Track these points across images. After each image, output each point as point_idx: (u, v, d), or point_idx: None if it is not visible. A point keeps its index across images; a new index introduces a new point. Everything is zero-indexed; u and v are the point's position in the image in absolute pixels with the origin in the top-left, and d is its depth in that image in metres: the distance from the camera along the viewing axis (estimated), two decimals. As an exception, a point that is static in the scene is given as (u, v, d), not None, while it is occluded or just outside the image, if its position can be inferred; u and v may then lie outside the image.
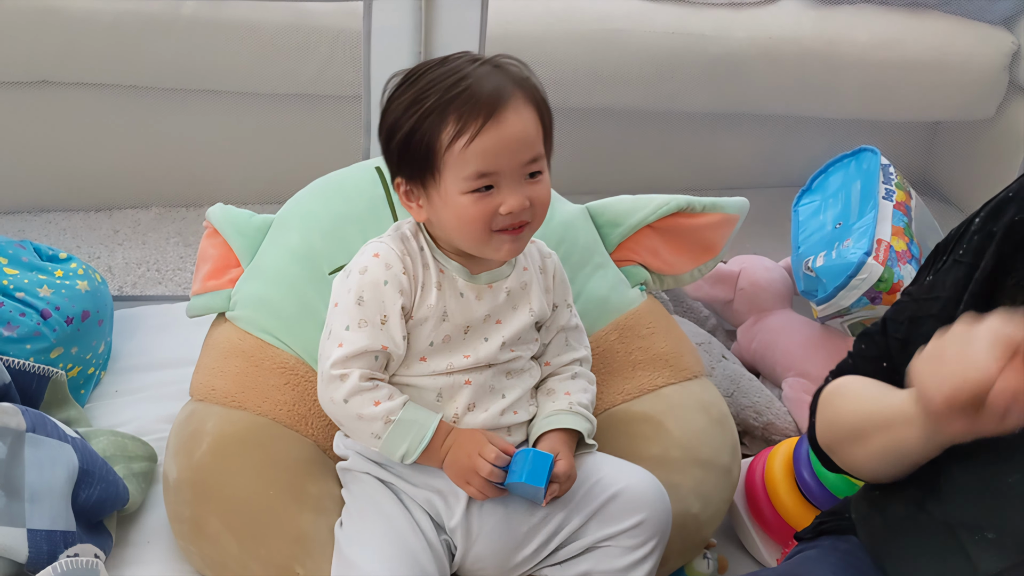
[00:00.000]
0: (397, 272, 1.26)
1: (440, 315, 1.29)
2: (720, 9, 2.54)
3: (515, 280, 1.34)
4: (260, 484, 1.39)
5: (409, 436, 1.25)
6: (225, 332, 1.57)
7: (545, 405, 1.37)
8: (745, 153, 2.80)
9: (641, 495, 1.31)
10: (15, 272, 1.75)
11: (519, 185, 1.22)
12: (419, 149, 1.21)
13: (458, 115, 1.19)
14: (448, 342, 1.30)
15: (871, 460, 1.13)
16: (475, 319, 1.31)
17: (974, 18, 2.65)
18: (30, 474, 1.34)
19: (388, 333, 1.26)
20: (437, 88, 1.21)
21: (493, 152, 1.19)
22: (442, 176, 1.22)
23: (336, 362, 1.25)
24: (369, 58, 1.90)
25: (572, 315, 1.42)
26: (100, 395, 1.84)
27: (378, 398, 1.25)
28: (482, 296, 1.31)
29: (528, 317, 1.34)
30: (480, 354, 1.30)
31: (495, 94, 1.20)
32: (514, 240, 1.25)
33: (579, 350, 1.42)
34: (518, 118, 1.21)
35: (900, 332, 1.16)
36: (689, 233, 1.65)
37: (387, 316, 1.26)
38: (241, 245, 1.60)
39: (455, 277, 1.30)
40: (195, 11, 2.28)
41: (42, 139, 2.44)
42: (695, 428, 1.53)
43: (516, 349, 1.34)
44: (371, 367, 1.26)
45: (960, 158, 2.89)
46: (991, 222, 1.10)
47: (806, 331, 2.08)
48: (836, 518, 1.28)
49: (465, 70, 1.22)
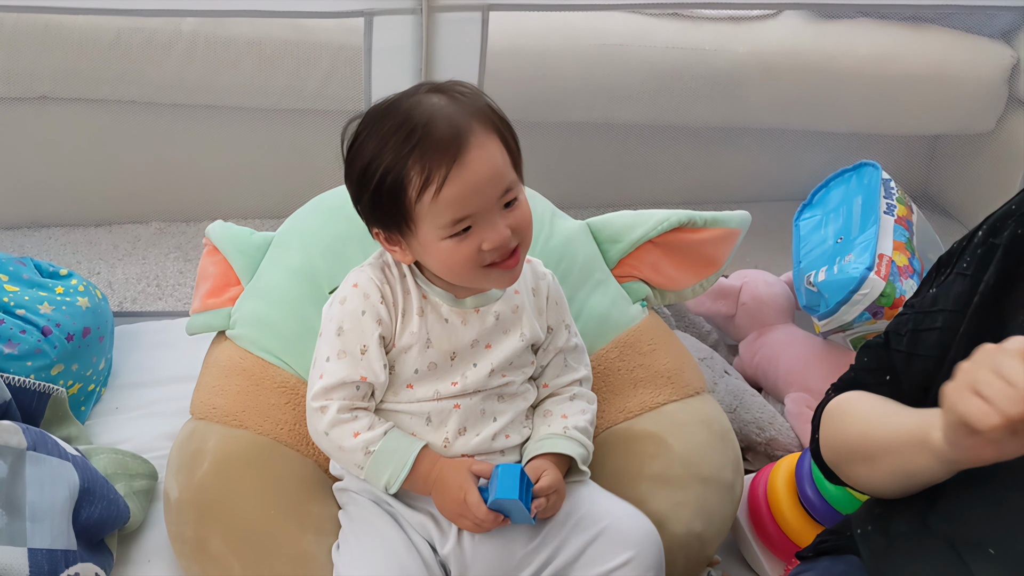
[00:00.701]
0: (375, 301, 1.26)
1: (423, 342, 1.27)
2: (720, 24, 2.54)
3: (505, 304, 1.32)
4: (262, 505, 1.38)
5: (390, 466, 1.25)
6: (226, 350, 1.56)
7: (540, 427, 1.35)
8: (746, 167, 2.80)
9: (626, 533, 1.28)
10: (16, 289, 1.75)
11: (497, 218, 1.19)
12: (389, 204, 1.19)
13: (421, 166, 1.16)
14: (434, 369, 1.29)
15: (879, 480, 1.12)
16: (461, 345, 1.29)
17: (973, 32, 2.65)
18: (31, 493, 1.34)
19: (368, 363, 1.25)
20: (395, 138, 1.17)
21: (464, 196, 1.17)
22: (417, 227, 1.20)
23: (316, 394, 1.26)
24: (370, 74, 1.90)
25: (571, 335, 1.41)
26: (100, 412, 1.84)
27: (357, 429, 1.25)
28: (468, 321, 1.29)
29: (519, 342, 1.32)
30: (468, 381, 1.29)
31: (454, 135, 1.16)
32: (508, 271, 1.23)
33: (579, 370, 1.41)
34: (482, 153, 1.17)
35: (903, 345, 1.16)
36: (691, 248, 1.64)
37: (366, 346, 1.25)
38: (241, 264, 1.60)
39: (438, 303, 1.29)
40: (196, 27, 2.28)
41: (42, 155, 2.44)
42: (697, 444, 1.52)
43: (508, 374, 1.32)
44: (351, 397, 1.26)
45: (960, 171, 2.89)
46: (993, 236, 1.10)
47: (808, 346, 2.07)
48: (836, 536, 1.28)
49: (415, 115, 1.17)
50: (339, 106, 2.20)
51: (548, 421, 1.36)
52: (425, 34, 1.85)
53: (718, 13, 2.53)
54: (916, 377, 1.14)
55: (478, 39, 1.89)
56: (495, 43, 1.92)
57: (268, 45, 2.32)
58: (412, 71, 1.90)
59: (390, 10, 1.84)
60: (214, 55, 2.32)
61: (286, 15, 1.96)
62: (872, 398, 1.16)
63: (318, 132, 2.43)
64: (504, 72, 2.18)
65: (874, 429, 1.12)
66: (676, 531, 1.41)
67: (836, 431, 1.19)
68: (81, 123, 2.43)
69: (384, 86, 1.91)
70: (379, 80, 1.90)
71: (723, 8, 2.50)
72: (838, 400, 1.21)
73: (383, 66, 1.90)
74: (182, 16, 2.24)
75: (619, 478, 1.44)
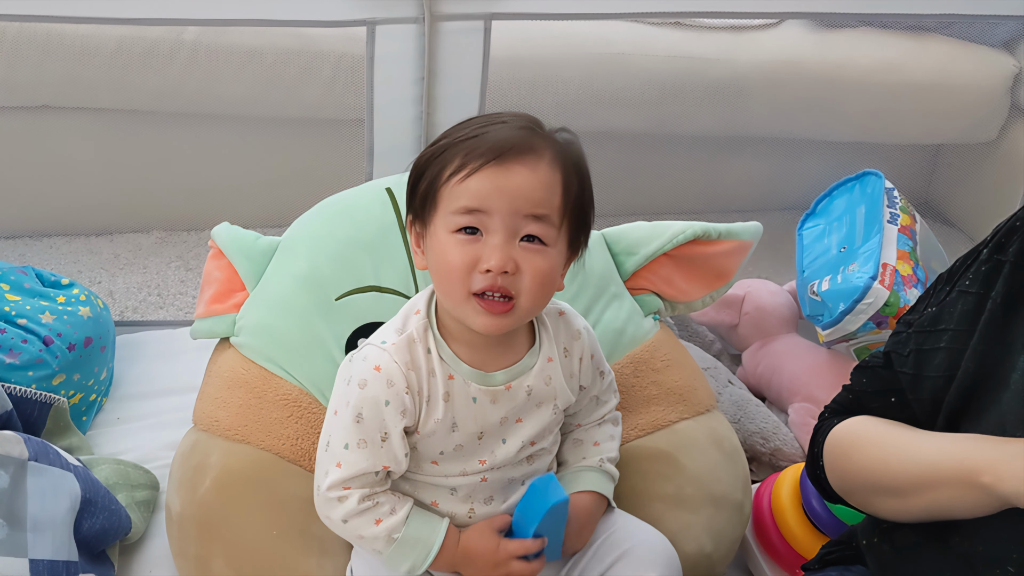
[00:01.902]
0: (400, 390, 1.16)
1: (449, 427, 1.19)
2: (722, 33, 2.54)
3: (539, 375, 1.22)
4: (265, 525, 1.37)
5: (412, 555, 1.20)
6: (229, 360, 1.55)
7: (571, 455, 1.32)
8: (748, 176, 2.80)
9: (649, 555, 1.27)
10: (17, 299, 1.74)
11: (508, 242, 1.10)
12: (426, 181, 1.14)
13: (465, 152, 1.11)
14: (460, 451, 1.21)
15: (911, 513, 1.09)
16: (490, 424, 1.21)
17: (975, 41, 2.65)
18: (32, 503, 1.33)
19: (390, 452, 1.18)
20: (466, 130, 1.14)
21: (486, 191, 1.10)
22: (437, 210, 1.13)
23: (333, 484, 1.19)
24: (372, 83, 1.90)
25: (605, 376, 1.33)
26: (102, 422, 1.83)
27: (379, 516, 1.19)
28: (498, 399, 1.20)
29: (552, 415, 1.25)
30: (497, 458, 1.22)
31: (509, 140, 1.11)
32: (487, 315, 1.12)
33: (610, 401, 1.36)
34: (528, 171, 1.10)
35: (908, 367, 1.14)
36: (704, 261, 1.62)
37: (388, 434, 1.17)
38: (247, 269, 1.57)
39: (467, 382, 1.19)
40: (197, 36, 2.28)
41: (43, 164, 2.43)
42: (709, 465, 1.51)
43: (538, 442, 1.25)
44: (371, 484, 1.19)
45: (962, 181, 2.88)
46: (999, 252, 1.09)
47: (812, 355, 2.07)
48: (842, 548, 1.27)
49: (498, 124, 1.14)
50: (341, 115, 2.20)
51: (582, 450, 1.32)
52: (427, 43, 1.85)
53: (720, 22, 2.52)
54: (925, 397, 1.12)
55: (480, 48, 1.89)
56: (497, 52, 1.92)
57: (270, 54, 2.32)
58: (414, 80, 1.89)
59: (392, 19, 1.84)
60: (216, 64, 2.32)
61: (288, 24, 1.95)
62: (883, 424, 1.14)
63: (320, 140, 2.45)
64: (506, 81, 2.18)
65: (900, 462, 1.08)
66: (687, 551, 1.40)
67: (848, 463, 1.16)
68: (82, 132, 2.43)
69: (386, 95, 1.91)
70: (381, 89, 1.90)
71: (724, 17, 2.49)
72: (845, 428, 1.18)
73: (385, 75, 1.89)
74: (183, 25, 2.24)
75: (632, 498, 1.43)
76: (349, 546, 1.35)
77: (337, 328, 1.48)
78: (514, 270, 1.10)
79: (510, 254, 1.10)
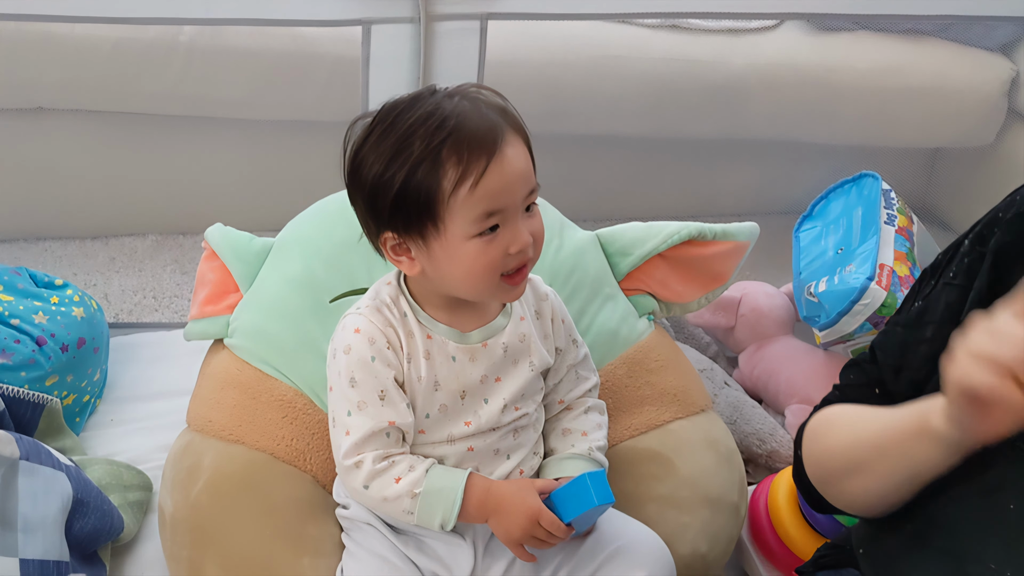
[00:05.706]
0: (382, 347, 1.19)
1: (431, 385, 1.22)
2: (719, 36, 2.54)
3: (512, 333, 1.26)
4: (258, 528, 1.36)
5: (441, 506, 1.18)
6: (223, 361, 1.54)
7: (559, 445, 1.32)
8: (745, 179, 2.80)
9: (640, 552, 1.27)
10: (10, 299, 1.74)
11: (520, 222, 1.14)
12: (416, 201, 1.12)
13: (458, 157, 1.10)
14: (444, 411, 1.23)
15: (874, 489, 1.09)
16: (471, 382, 1.23)
17: (973, 45, 2.65)
18: (24, 503, 1.32)
19: (391, 406, 1.19)
20: (421, 133, 1.11)
21: (498, 190, 1.11)
22: (446, 225, 1.12)
23: (347, 452, 1.19)
24: (368, 84, 1.89)
25: (579, 347, 1.36)
26: (95, 424, 1.82)
27: (398, 474, 1.19)
28: (476, 357, 1.24)
29: (529, 372, 1.27)
30: (482, 420, 1.24)
31: (489, 130, 1.12)
32: (515, 288, 1.18)
33: (590, 379, 1.37)
34: (514, 151, 1.13)
35: (892, 360, 1.14)
36: (699, 262, 1.61)
37: (384, 390, 1.19)
38: (240, 271, 1.57)
39: (444, 341, 1.22)
40: (193, 38, 2.28)
41: (39, 167, 2.43)
42: (704, 466, 1.51)
43: (521, 406, 1.27)
44: (384, 445, 1.19)
45: (960, 184, 2.88)
46: (980, 243, 1.09)
47: (809, 357, 2.06)
48: (836, 551, 1.27)
49: (443, 108, 1.12)
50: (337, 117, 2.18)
51: (570, 440, 1.32)
52: (423, 43, 1.85)
53: (717, 25, 2.52)
54: (906, 389, 1.12)
55: (476, 48, 1.89)
56: (493, 54, 1.91)
57: (265, 56, 2.32)
58: (410, 81, 1.89)
59: (388, 19, 1.83)
60: (211, 67, 2.32)
61: (283, 24, 1.95)
62: (857, 408, 1.14)
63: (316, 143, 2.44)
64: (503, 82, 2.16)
65: (865, 431, 1.09)
66: (682, 552, 1.40)
67: (821, 446, 1.16)
68: (77, 134, 2.42)
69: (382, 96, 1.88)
70: (377, 90, 1.90)
71: (721, 18, 2.49)
72: (821, 414, 1.18)
73: (381, 76, 1.89)
74: (178, 24, 2.23)
75: (626, 499, 1.42)
76: (342, 547, 1.34)
77: (331, 330, 1.46)
78: (531, 241, 1.16)
79: (527, 229, 1.15)
